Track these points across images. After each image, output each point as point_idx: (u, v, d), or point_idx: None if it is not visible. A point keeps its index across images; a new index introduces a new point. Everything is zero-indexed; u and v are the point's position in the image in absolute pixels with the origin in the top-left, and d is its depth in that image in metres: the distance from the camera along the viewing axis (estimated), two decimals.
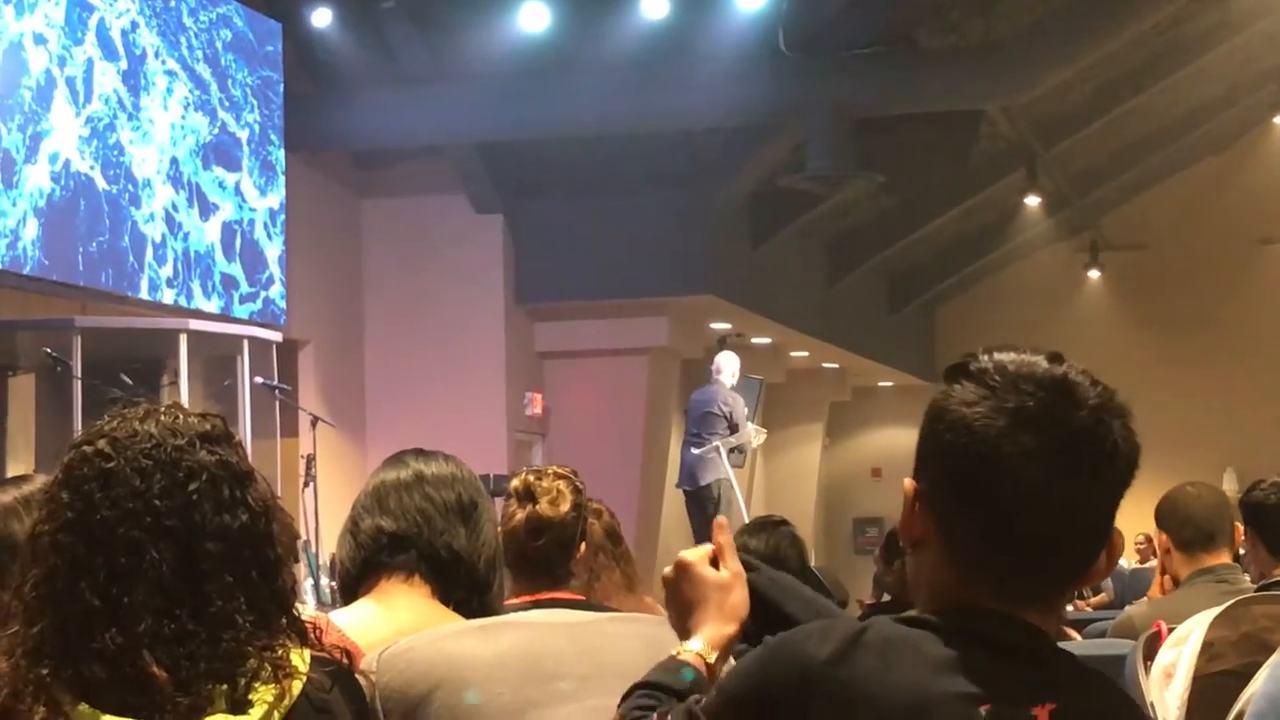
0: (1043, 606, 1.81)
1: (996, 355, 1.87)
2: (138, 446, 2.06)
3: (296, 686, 2.03)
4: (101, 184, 10.74)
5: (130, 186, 11.02)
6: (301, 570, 10.08)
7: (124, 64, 11.03)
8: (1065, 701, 1.75)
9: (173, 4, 11.58)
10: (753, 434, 12.84)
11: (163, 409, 2.13)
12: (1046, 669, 1.78)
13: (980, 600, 1.79)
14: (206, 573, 2.03)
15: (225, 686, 1.99)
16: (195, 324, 10.31)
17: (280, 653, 2.03)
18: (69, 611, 1.99)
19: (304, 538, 10.88)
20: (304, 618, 2.14)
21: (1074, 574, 1.83)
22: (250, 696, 1.99)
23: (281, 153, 12.85)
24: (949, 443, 1.82)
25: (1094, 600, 12.66)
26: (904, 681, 1.72)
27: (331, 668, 2.12)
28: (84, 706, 1.93)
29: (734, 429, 13.05)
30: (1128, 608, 5.44)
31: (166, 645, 1.98)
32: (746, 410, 13.08)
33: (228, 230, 12.10)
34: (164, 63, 11.46)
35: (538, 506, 3.82)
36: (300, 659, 2.06)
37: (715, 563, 2.18)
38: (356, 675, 2.20)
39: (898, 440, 23.87)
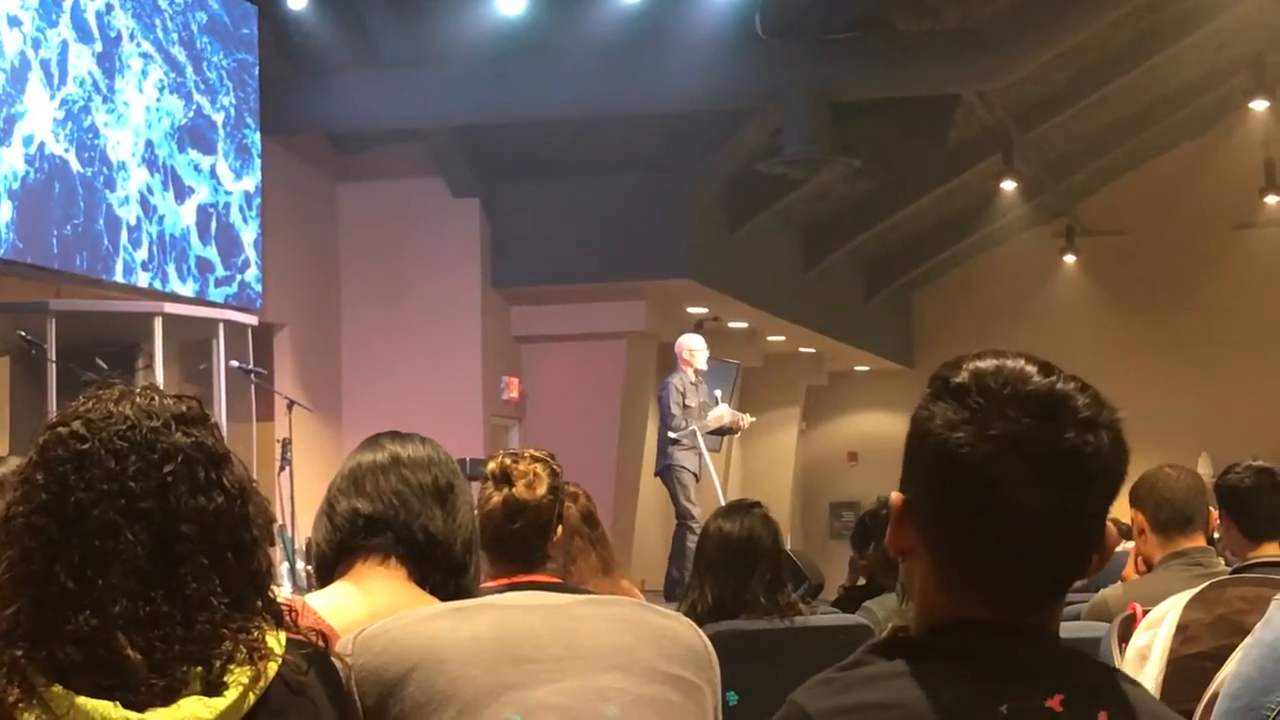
0: (1037, 611, 1.80)
1: (979, 366, 1.80)
2: (113, 428, 2.05)
3: (272, 668, 2.02)
4: (76, 166, 10.70)
5: (105, 169, 10.99)
6: (277, 554, 10.07)
7: (99, 46, 10.99)
8: (1073, 688, 1.75)
9: None
10: (725, 415, 12.62)
11: (138, 390, 2.12)
12: (1048, 660, 1.78)
13: (973, 612, 1.78)
14: (181, 555, 2.02)
15: (200, 669, 1.98)
16: (170, 307, 10.29)
17: (255, 635, 2.03)
18: (43, 593, 1.98)
19: (280, 521, 10.87)
20: (279, 600, 2.14)
21: (1065, 580, 1.82)
22: (225, 679, 1.99)
23: (257, 136, 12.82)
24: (933, 464, 1.79)
25: None
26: (922, 706, 1.72)
27: (307, 650, 2.12)
28: (58, 688, 1.93)
29: (664, 415, 12.59)
30: (1102, 590, 5.45)
31: (141, 627, 1.97)
32: (716, 393, 12.89)
33: (203, 213, 12.07)
34: (139, 45, 11.42)
35: (514, 489, 3.83)
36: (275, 641, 2.05)
37: None
38: (332, 658, 2.20)
39: (874, 425, 23.93)
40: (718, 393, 12.89)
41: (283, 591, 2.29)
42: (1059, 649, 1.81)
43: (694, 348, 12.58)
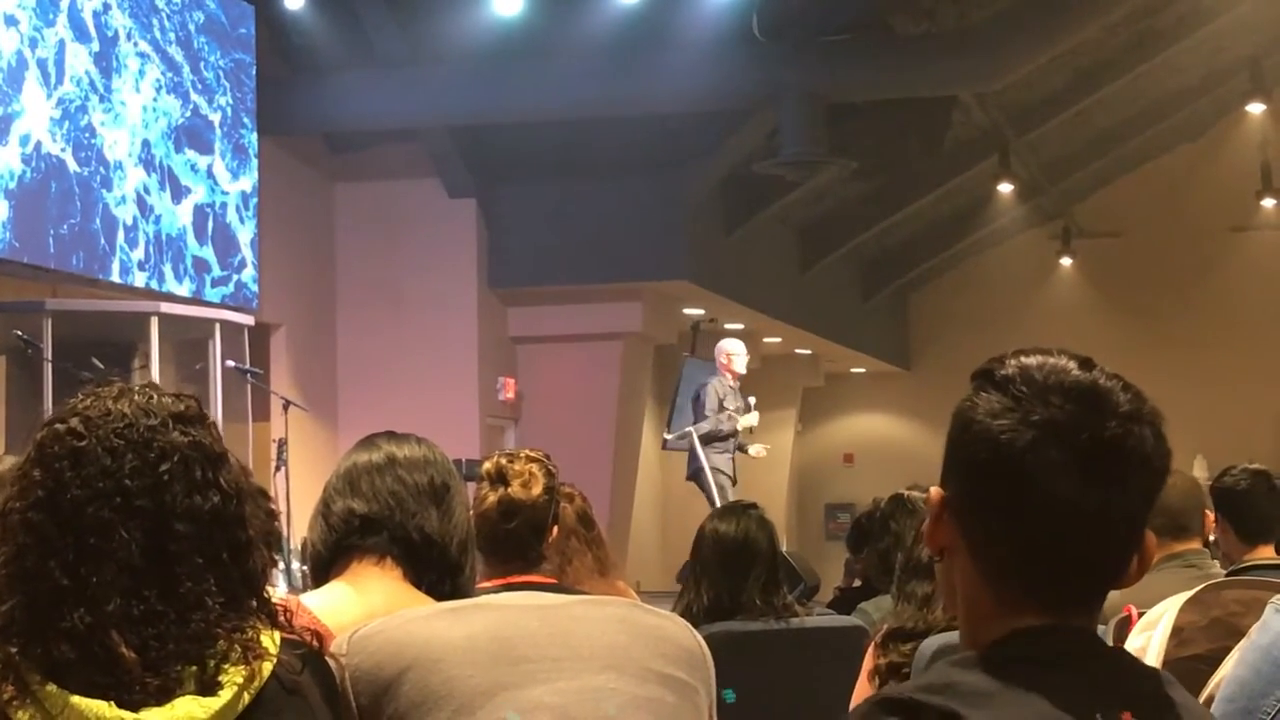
0: (1079, 610, 1.79)
1: (1023, 360, 1.80)
2: (110, 425, 2.05)
3: (266, 668, 2.02)
4: (73, 166, 10.70)
5: (102, 169, 10.99)
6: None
7: (96, 46, 10.99)
8: (1139, 703, 1.74)
9: None
10: (735, 419, 12.65)
11: (137, 389, 2.12)
12: (1111, 669, 1.78)
13: (1021, 616, 1.77)
14: (176, 554, 2.02)
15: (194, 668, 1.98)
16: (167, 307, 10.29)
17: (250, 634, 2.03)
18: (38, 590, 1.98)
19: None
20: (275, 600, 2.14)
21: (1106, 581, 1.80)
22: (220, 678, 1.99)
23: (254, 136, 12.82)
24: (975, 455, 1.77)
25: None
26: None
27: (302, 650, 2.12)
28: (52, 687, 1.93)
29: (698, 417, 12.81)
30: None
31: (135, 626, 1.97)
32: (750, 399, 12.89)
33: (200, 213, 12.07)
34: (136, 45, 11.42)
35: (510, 489, 3.83)
36: (270, 641, 2.05)
37: None
38: (326, 657, 2.20)
39: (870, 427, 23.95)
40: (752, 399, 12.90)
41: (278, 591, 2.29)
42: (1114, 655, 1.82)
43: (733, 352, 12.70)
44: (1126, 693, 1.75)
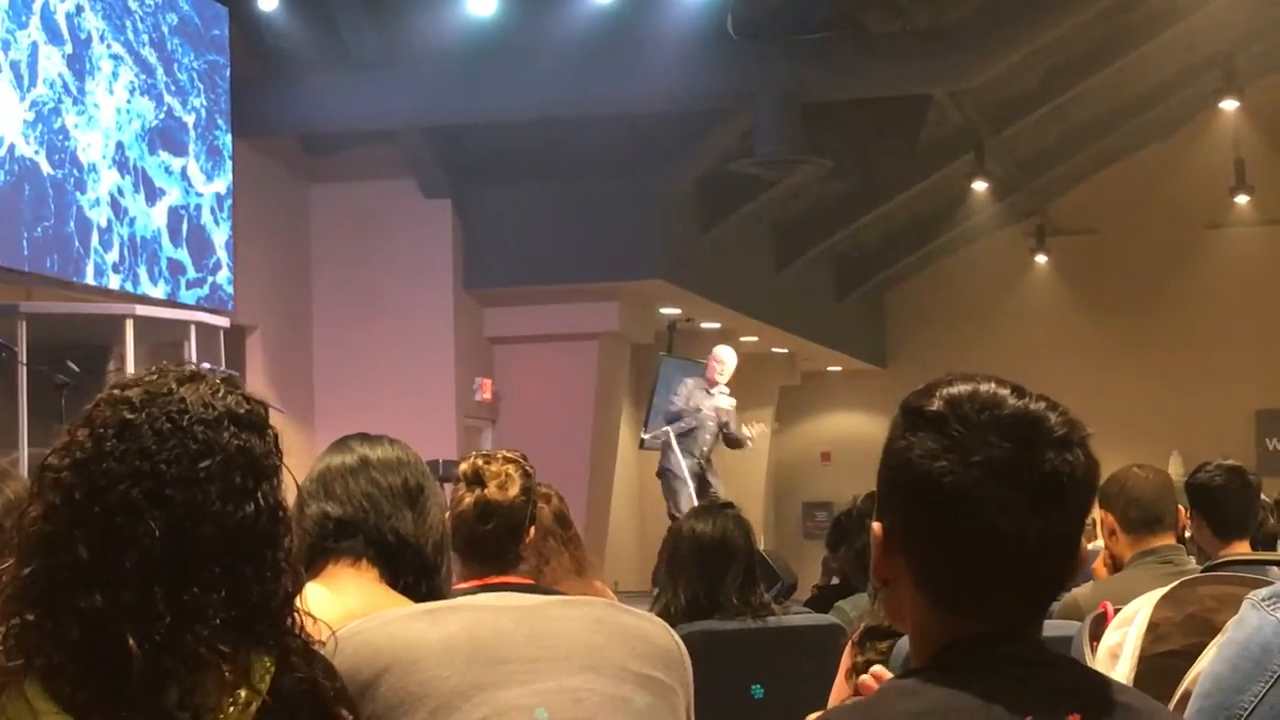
0: (1025, 622, 1.83)
1: (953, 392, 1.82)
2: (165, 408, 2.00)
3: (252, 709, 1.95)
4: (46, 169, 10.66)
5: (75, 171, 10.95)
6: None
7: (69, 48, 10.95)
8: (1091, 711, 1.77)
9: None
10: (710, 423, 12.74)
11: (210, 379, 2.07)
12: (1059, 674, 1.81)
13: (969, 629, 1.80)
14: (195, 556, 1.95)
15: (177, 692, 1.92)
16: (142, 310, 10.24)
17: (238, 666, 1.95)
18: (60, 560, 1.93)
19: None
20: (302, 637, 2.05)
21: (1050, 596, 1.86)
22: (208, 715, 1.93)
23: (228, 137, 12.79)
24: (917, 494, 1.81)
25: None
26: None
27: (304, 688, 2.02)
28: (52, 707, 1.90)
29: (672, 419, 12.94)
30: (1073, 589, 5.47)
31: (140, 622, 1.91)
32: (686, 395, 12.95)
33: (174, 215, 12.03)
34: (109, 47, 11.38)
35: (486, 491, 3.82)
36: (261, 675, 1.97)
37: None
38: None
39: (847, 425, 23.96)
40: (731, 405, 12.94)
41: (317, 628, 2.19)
42: (1061, 661, 1.84)
43: (722, 360, 12.82)
44: (1074, 696, 1.78)
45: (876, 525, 1.87)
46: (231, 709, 1.94)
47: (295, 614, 2.06)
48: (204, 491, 1.97)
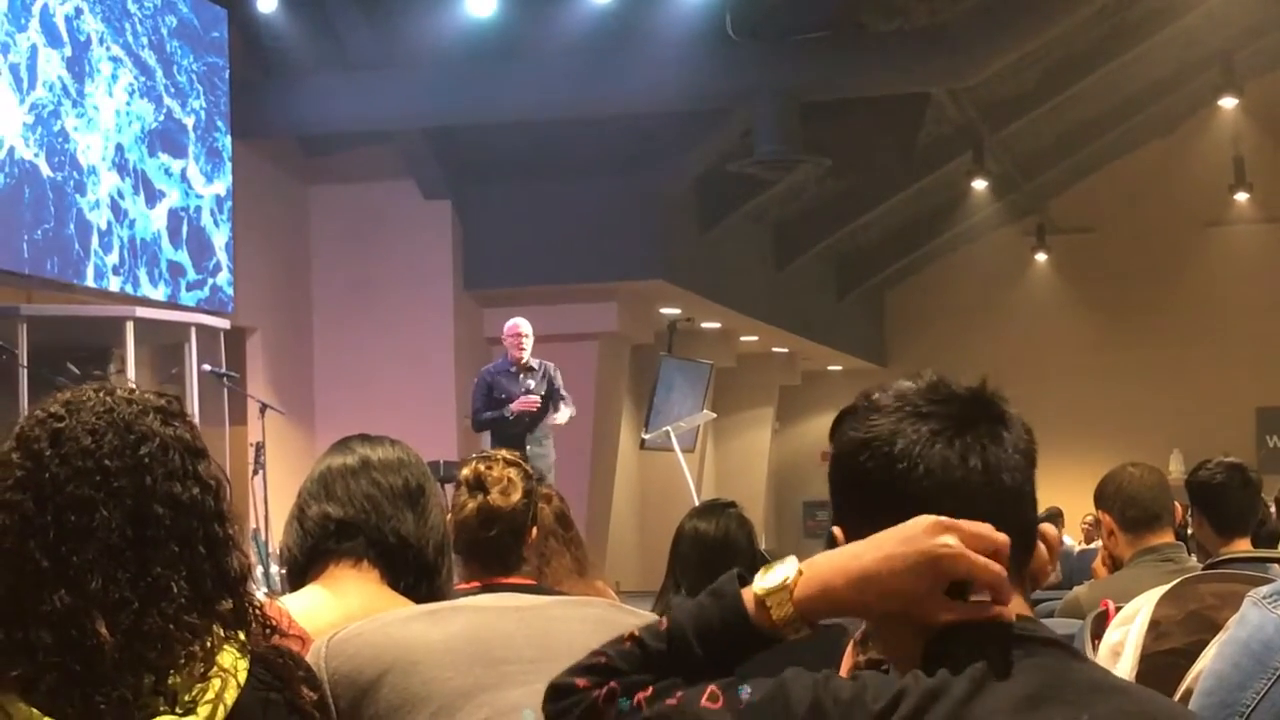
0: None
1: (869, 393, 1.91)
2: (91, 409, 2.06)
3: (230, 694, 1.99)
4: (46, 171, 10.66)
5: (75, 174, 10.95)
6: (251, 558, 10.03)
7: (68, 50, 10.95)
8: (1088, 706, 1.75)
9: None
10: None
11: (120, 386, 2.13)
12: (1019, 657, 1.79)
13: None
14: (153, 538, 2.00)
15: (152, 678, 1.95)
16: (142, 311, 10.25)
17: (211, 645, 2.00)
18: (18, 572, 1.97)
19: (254, 525, 10.84)
20: (257, 606, 2.10)
21: (1015, 554, 1.82)
22: (193, 696, 1.96)
23: (228, 139, 12.79)
24: (851, 466, 1.85)
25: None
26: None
27: (279, 667, 2.08)
28: (22, 706, 1.91)
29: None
30: (1075, 589, 5.47)
31: (109, 610, 1.95)
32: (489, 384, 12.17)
33: (174, 217, 12.03)
34: (109, 49, 11.38)
35: (489, 496, 3.81)
36: (233, 658, 2.01)
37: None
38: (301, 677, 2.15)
39: None
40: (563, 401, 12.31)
41: (259, 595, 2.26)
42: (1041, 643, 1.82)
43: (521, 333, 12.18)
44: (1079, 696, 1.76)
45: (836, 530, 1.88)
46: (209, 694, 1.98)
47: (250, 592, 2.11)
48: (151, 474, 2.03)
